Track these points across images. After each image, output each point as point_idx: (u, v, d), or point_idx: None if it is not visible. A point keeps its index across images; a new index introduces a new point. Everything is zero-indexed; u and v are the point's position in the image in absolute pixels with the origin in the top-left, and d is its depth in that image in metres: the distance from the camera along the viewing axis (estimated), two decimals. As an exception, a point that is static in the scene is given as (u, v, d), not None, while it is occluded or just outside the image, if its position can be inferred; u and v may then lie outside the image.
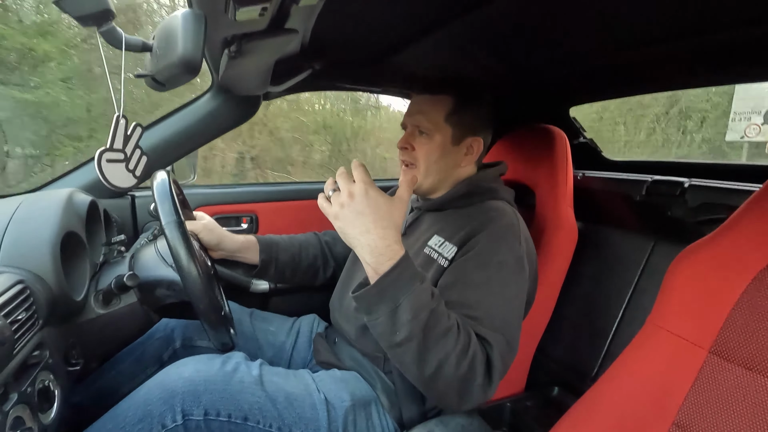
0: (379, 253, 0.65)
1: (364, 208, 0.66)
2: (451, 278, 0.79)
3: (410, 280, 0.65)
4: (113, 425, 0.69)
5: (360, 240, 0.66)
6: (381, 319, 0.65)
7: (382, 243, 0.65)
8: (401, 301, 0.64)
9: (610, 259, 1.27)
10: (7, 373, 0.54)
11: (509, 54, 1.10)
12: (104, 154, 0.80)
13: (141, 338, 0.98)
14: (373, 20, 0.91)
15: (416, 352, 0.65)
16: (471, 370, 0.66)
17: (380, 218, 0.66)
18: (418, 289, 0.65)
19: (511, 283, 0.78)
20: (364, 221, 0.66)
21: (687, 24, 0.81)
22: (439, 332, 0.65)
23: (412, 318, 0.63)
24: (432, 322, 0.64)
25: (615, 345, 1.18)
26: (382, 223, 0.66)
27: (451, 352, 0.65)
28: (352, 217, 0.66)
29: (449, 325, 0.66)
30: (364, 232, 0.66)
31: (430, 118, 0.90)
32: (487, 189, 0.93)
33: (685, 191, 1.05)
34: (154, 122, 1.18)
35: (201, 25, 0.67)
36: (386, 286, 0.64)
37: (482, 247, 0.80)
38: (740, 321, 0.62)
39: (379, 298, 0.65)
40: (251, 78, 1.02)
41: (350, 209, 0.66)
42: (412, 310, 0.63)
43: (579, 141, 1.53)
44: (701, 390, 0.62)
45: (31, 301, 0.61)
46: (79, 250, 0.79)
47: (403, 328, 0.63)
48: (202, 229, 1.00)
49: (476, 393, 0.68)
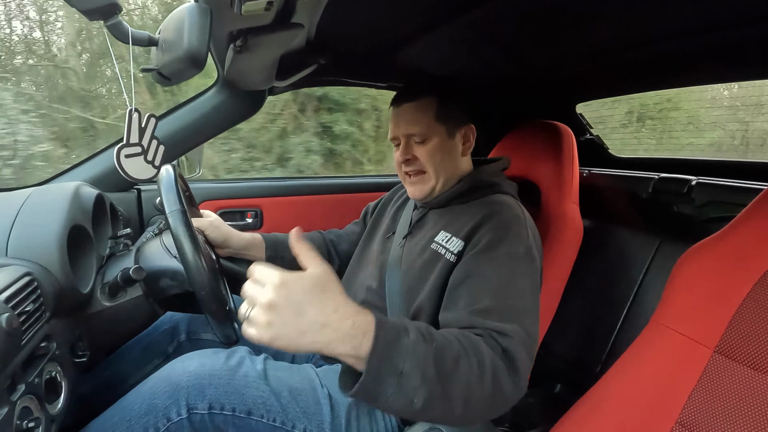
0: (351, 336, 0.54)
1: (298, 306, 0.52)
2: (461, 274, 0.78)
3: (397, 340, 0.57)
4: (119, 418, 0.70)
5: (321, 340, 0.53)
6: (392, 398, 0.55)
7: (345, 325, 0.54)
8: (402, 367, 0.55)
9: (616, 257, 1.26)
10: (15, 364, 0.54)
11: (516, 50, 1.09)
12: (122, 150, 0.81)
13: (146, 331, 0.99)
14: (378, 15, 0.90)
15: (441, 403, 0.58)
16: (496, 378, 0.62)
17: (322, 302, 0.53)
18: (410, 344, 0.57)
19: (521, 274, 0.77)
20: (310, 318, 0.52)
21: (695, 21, 0.81)
22: (450, 369, 0.59)
23: (422, 378, 0.56)
24: (440, 365, 0.58)
25: (619, 343, 1.18)
26: (330, 305, 0.53)
27: (471, 379, 0.60)
28: (293, 325, 0.52)
29: (455, 354, 0.61)
30: (319, 329, 0.52)
31: (422, 122, 0.90)
32: (490, 183, 0.93)
33: (692, 189, 1.04)
34: (160, 116, 1.19)
35: (207, 19, 0.67)
36: (379, 364, 0.54)
37: (490, 239, 0.79)
38: (746, 320, 0.61)
39: (379, 380, 0.55)
40: (257, 73, 1.02)
41: (283, 319, 0.51)
42: (417, 369, 0.56)
43: (585, 138, 1.52)
44: (705, 389, 0.62)
45: (39, 293, 0.61)
46: (85, 243, 0.80)
47: (419, 392, 0.56)
48: (208, 226, 1.00)
49: (511, 393, 0.64)
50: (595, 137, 1.53)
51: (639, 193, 1.18)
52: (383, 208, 1.16)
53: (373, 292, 0.95)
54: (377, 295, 0.94)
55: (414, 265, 0.89)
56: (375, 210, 1.18)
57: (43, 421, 0.57)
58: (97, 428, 0.70)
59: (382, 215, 1.14)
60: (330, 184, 1.55)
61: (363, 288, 0.98)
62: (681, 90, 3.03)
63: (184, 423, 0.70)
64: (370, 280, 0.97)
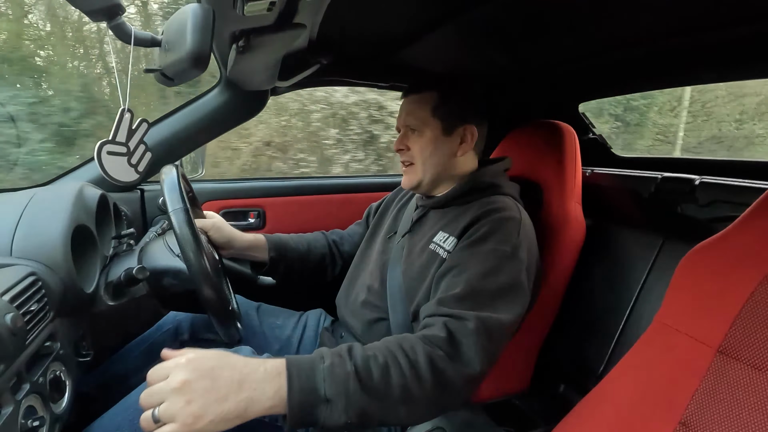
0: (267, 381, 0.56)
1: (211, 372, 0.54)
2: (446, 266, 0.80)
3: (312, 369, 0.59)
4: (123, 417, 0.70)
5: (242, 397, 0.54)
6: (327, 421, 0.58)
7: (259, 374, 0.56)
8: (324, 393, 0.58)
9: (619, 257, 1.26)
10: (19, 363, 0.55)
11: (518, 49, 1.09)
12: (105, 146, 0.80)
13: (149, 331, 1.00)
14: (381, 15, 0.90)
15: (381, 411, 0.61)
16: (435, 369, 0.64)
17: (231, 361, 0.56)
18: (326, 368, 0.60)
19: (502, 270, 0.77)
20: (226, 379, 0.54)
21: (698, 19, 0.80)
22: (378, 378, 0.61)
23: (346, 396, 0.59)
24: (365, 378, 0.61)
25: (622, 342, 1.17)
26: (239, 362, 0.57)
27: (404, 381, 0.62)
28: (212, 393, 0.52)
29: (382, 362, 0.63)
30: (237, 388, 0.54)
31: (418, 115, 0.92)
32: (490, 185, 0.93)
33: (696, 188, 1.04)
34: (163, 117, 1.19)
35: (209, 19, 0.67)
36: (301, 396, 0.57)
37: (479, 235, 0.80)
38: (749, 320, 0.61)
39: (307, 410, 0.57)
40: (259, 73, 1.02)
41: (200, 391, 0.52)
42: (340, 390, 0.59)
43: (588, 137, 1.51)
44: (708, 389, 0.62)
45: (43, 292, 0.62)
46: (89, 243, 0.80)
47: (351, 409, 0.59)
48: (211, 227, 1.01)
49: (457, 379, 0.65)
50: (598, 136, 1.52)
51: (642, 193, 1.17)
52: (386, 208, 1.16)
53: (375, 292, 0.95)
54: (378, 296, 0.94)
55: (413, 265, 0.89)
56: (377, 210, 1.19)
57: (47, 420, 0.58)
58: (102, 427, 0.70)
59: (384, 216, 1.14)
60: (333, 184, 1.55)
61: (364, 288, 0.98)
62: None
63: None
64: (372, 280, 0.97)
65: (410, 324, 0.87)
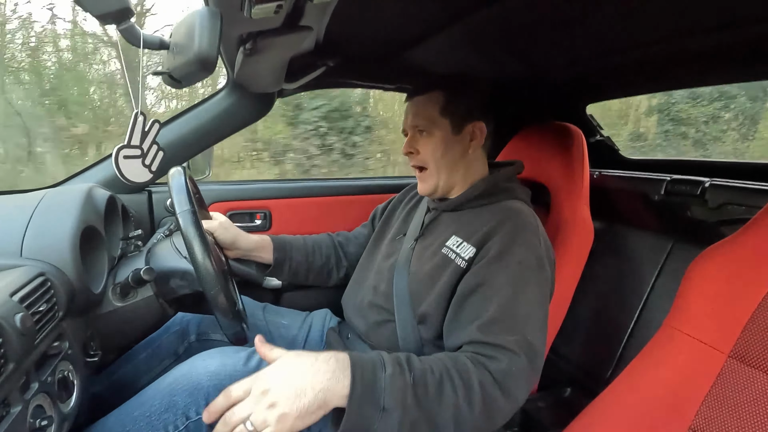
0: (339, 371, 0.60)
1: (289, 376, 0.59)
2: (471, 283, 0.79)
3: (374, 376, 0.61)
4: (140, 413, 0.70)
5: (318, 388, 0.58)
6: (379, 430, 0.60)
7: (331, 366, 0.60)
8: (382, 403, 0.59)
9: (627, 260, 1.25)
10: (28, 363, 0.55)
11: (525, 50, 1.09)
12: (122, 151, 0.81)
13: (157, 332, 1.00)
14: (387, 17, 0.90)
15: (429, 428, 0.62)
16: (486, 395, 0.64)
17: (302, 359, 0.61)
18: (387, 377, 0.61)
19: (532, 283, 0.77)
20: (302, 374, 0.59)
21: (707, 19, 0.79)
22: (433, 395, 0.62)
23: (403, 409, 0.60)
24: (421, 393, 0.61)
25: (630, 347, 1.16)
26: (308, 358, 0.61)
27: (457, 401, 0.63)
28: (292, 390, 0.57)
29: (437, 379, 0.63)
30: (311, 378, 0.58)
31: (426, 115, 0.91)
32: (504, 189, 0.92)
33: (706, 191, 1.03)
34: (170, 119, 1.20)
35: (217, 22, 0.68)
36: (360, 402, 0.59)
37: (501, 247, 0.79)
38: (762, 325, 0.60)
39: (362, 417, 0.59)
40: (266, 75, 1.03)
41: (281, 391, 0.57)
42: (398, 402, 0.60)
43: (596, 139, 1.50)
44: (719, 395, 0.61)
45: (52, 293, 0.62)
46: (97, 244, 0.81)
47: (404, 422, 0.60)
48: (217, 228, 1.01)
49: (503, 407, 0.67)
50: (606, 138, 1.51)
51: (651, 195, 1.16)
52: (393, 210, 1.16)
53: (381, 294, 0.95)
54: (384, 297, 0.93)
55: (423, 268, 0.88)
56: (384, 212, 1.18)
57: (55, 420, 0.58)
58: (117, 422, 0.70)
59: (391, 217, 1.14)
60: (339, 185, 1.56)
61: (370, 290, 0.98)
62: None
63: (202, 422, 0.70)
64: (378, 282, 0.97)
65: (416, 326, 0.86)
